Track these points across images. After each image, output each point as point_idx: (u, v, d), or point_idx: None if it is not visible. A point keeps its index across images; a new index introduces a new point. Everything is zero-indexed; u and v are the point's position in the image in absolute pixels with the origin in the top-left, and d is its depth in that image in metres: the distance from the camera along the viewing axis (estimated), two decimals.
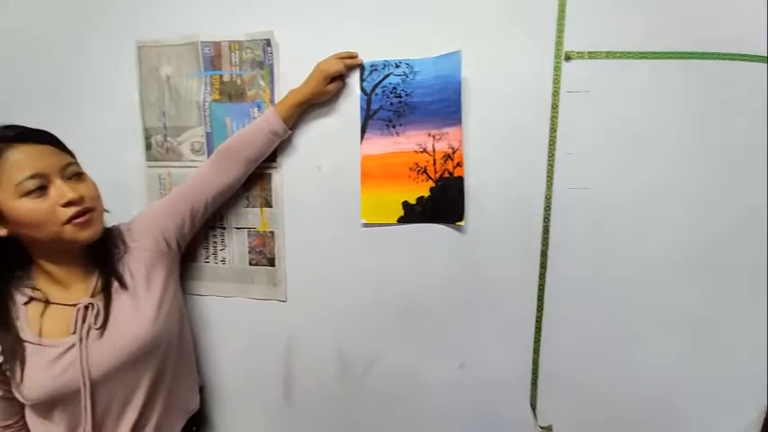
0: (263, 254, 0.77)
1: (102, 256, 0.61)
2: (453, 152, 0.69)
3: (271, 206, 0.75)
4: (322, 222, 0.75)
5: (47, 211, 0.53)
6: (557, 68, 0.67)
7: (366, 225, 0.74)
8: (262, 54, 0.71)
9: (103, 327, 0.58)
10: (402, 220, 0.73)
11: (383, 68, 0.69)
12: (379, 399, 0.79)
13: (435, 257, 0.73)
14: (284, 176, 0.75)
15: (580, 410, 0.74)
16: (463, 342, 0.75)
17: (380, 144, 0.71)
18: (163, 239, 0.67)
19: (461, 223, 0.71)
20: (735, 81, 0.65)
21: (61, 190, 0.54)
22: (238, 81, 0.73)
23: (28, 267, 0.59)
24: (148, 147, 0.78)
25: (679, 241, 0.68)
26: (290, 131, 0.71)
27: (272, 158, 0.74)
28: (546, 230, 0.70)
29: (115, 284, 0.61)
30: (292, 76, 0.71)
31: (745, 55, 0.64)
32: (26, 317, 0.57)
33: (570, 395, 0.73)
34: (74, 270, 0.60)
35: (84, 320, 0.57)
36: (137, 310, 0.61)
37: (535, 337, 0.73)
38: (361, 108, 0.71)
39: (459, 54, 0.65)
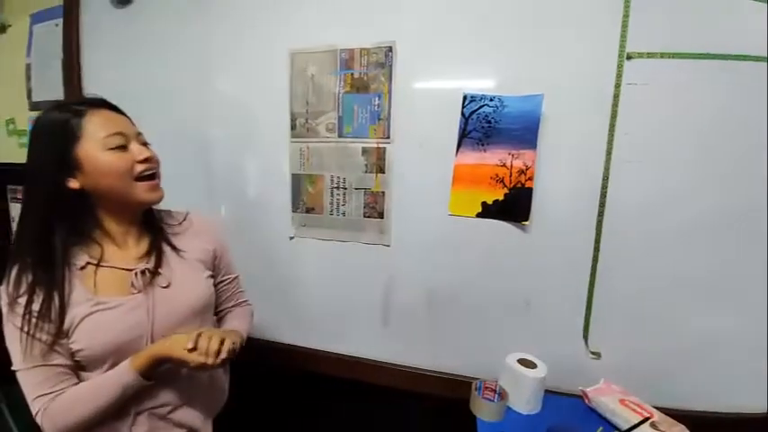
0: (375, 209, 1.07)
1: (156, 225, 0.75)
2: (527, 169, 0.94)
3: (384, 172, 1.05)
4: (421, 190, 1.04)
5: (127, 163, 0.64)
6: (620, 66, 0.89)
7: (451, 215, 1.02)
8: (384, 57, 1.01)
9: (168, 285, 0.70)
10: (479, 215, 1.00)
11: (480, 100, 0.95)
12: (458, 325, 1.06)
13: (504, 241, 1.00)
14: (395, 151, 1.05)
15: (625, 344, 0.96)
16: (529, 286, 1.00)
17: (470, 157, 0.98)
18: (213, 258, 0.82)
19: (526, 223, 0.97)
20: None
21: (139, 149, 0.66)
22: (365, 78, 1.03)
23: (88, 230, 0.67)
24: (293, 127, 1.11)
25: (713, 209, 0.88)
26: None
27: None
28: (602, 203, 0.92)
29: (169, 252, 0.73)
30: (404, 74, 1.01)
31: None
32: (81, 280, 0.64)
33: (618, 331, 0.96)
34: (130, 233, 0.71)
35: (149, 281, 0.68)
36: (195, 276, 0.75)
37: (590, 283, 0.96)
38: (460, 128, 0.98)
39: (541, 96, 0.90)
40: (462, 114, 0.97)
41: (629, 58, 0.88)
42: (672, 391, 0.94)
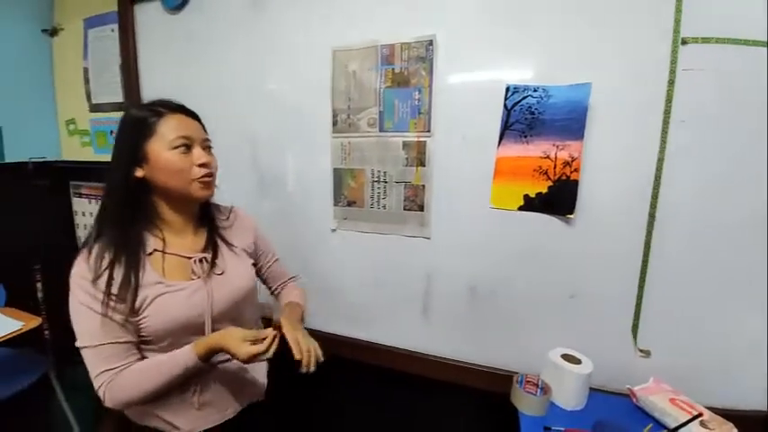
0: (415, 202, 1.12)
1: (211, 219, 0.85)
2: (572, 160, 0.95)
3: (424, 165, 1.09)
4: (462, 183, 1.07)
5: (186, 165, 0.73)
6: (674, 51, 0.87)
7: (492, 208, 1.04)
8: (424, 51, 1.04)
9: (222, 273, 0.80)
10: (521, 208, 1.02)
11: (523, 91, 0.97)
12: (500, 319, 1.09)
13: (548, 234, 1.01)
14: (435, 145, 1.08)
15: (677, 342, 0.95)
16: (573, 280, 1.01)
17: (513, 149, 1.00)
18: (255, 249, 0.93)
19: (571, 216, 0.97)
20: None
21: (200, 153, 0.75)
22: (405, 72, 1.07)
23: (149, 216, 0.76)
24: (335, 122, 1.18)
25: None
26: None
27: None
28: (655, 195, 0.92)
29: (221, 244, 0.84)
30: (445, 67, 1.04)
31: None
32: (151, 264, 0.73)
33: (669, 329, 0.95)
34: (188, 224, 0.81)
35: (208, 269, 0.78)
36: (243, 265, 0.86)
37: (640, 279, 0.95)
38: (502, 120, 1.00)
39: (589, 85, 0.90)
40: (505, 106, 0.99)
41: (684, 42, 0.86)
42: (724, 391, 0.92)
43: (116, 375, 0.69)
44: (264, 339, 0.70)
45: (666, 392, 0.88)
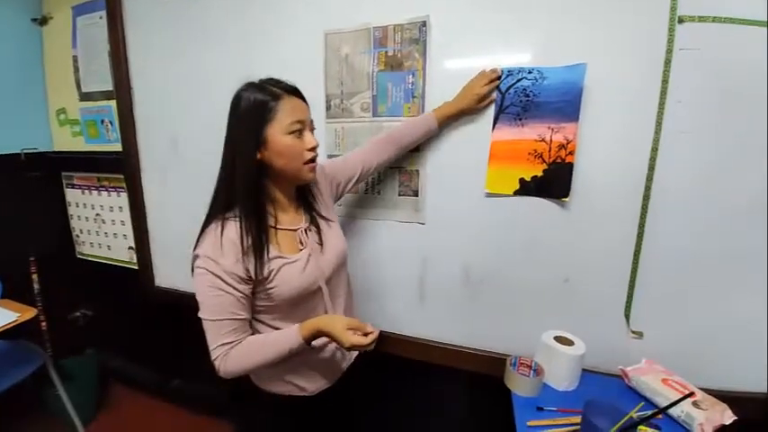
0: (409, 187, 1.13)
1: (306, 195, 0.91)
2: (567, 143, 0.95)
3: (418, 150, 1.09)
4: (456, 168, 1.07)
5: (300, 148, 0.78)
6: (671, 30, 0.87)
7: (488, 194, 1.05)
8: (418, 33, 1.04)
9: (321, 244, 0.88)
10: (516, 193, 1.02)
11: (518, 73, 0.96)
12: (495, 303, 1.11)
13: (543, 218, 1.02)
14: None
15: (669, 324, 0.97)
16: (568, 263, 1.02)
17: (508, 133, 1.00)
18: (330, 186, 0.98)
19: (566, 199, 0.97)
20: None
21: (310, 138, 0.79)
22: (398, 55, 1.07)
23: (264, 197, 0.81)
24: (328, 108, 1.17)
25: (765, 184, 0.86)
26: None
27: None
28: (650, 177, 0.92)
29: (318, 219, 0.90)
30: (439, 49, 1.03)
31: None
32: (270, 240, 0.79)
33: (661, 311, 0.97)
34: (292, 201, 0.87)
35: (317, 235, 0.87)
36: (335, 232, 0.92)
37: (633, 261, 0.97)
38: (496, 103, 0.99)
39: (584, 66, 0.90)
40: (499, 89, 0.99)
41: (680, 21, 0.86)
42: (717, 373, 0.94)
43: (231, 350, 0.76)
44: (369, 334, 0.74)
45: (659, 373, 0.90)
